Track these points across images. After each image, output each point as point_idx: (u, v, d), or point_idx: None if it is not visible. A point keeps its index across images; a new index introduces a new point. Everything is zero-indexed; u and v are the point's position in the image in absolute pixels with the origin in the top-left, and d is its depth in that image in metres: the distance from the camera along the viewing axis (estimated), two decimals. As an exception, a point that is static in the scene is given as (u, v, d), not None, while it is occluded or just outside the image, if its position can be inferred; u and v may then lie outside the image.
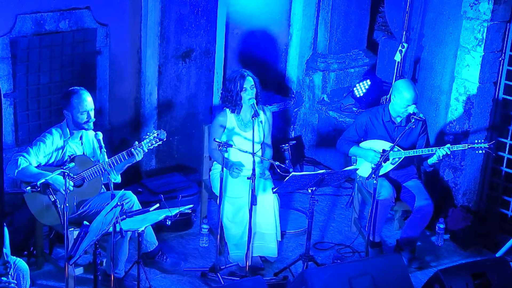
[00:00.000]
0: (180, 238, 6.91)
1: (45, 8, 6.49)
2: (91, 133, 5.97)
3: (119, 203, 5.08)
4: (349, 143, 6.70)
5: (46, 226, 6.19)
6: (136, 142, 5.90)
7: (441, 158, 6.33)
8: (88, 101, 5.84)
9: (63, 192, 5.36)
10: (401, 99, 6.42)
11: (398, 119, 6.56)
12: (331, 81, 8.47)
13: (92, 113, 5.85)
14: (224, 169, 6.11)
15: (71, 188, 5.53)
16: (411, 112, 6.37)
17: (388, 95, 7.25)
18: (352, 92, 8.24)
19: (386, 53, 7.84)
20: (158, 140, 5.96)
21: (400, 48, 7.37)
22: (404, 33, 7.36)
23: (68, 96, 5.82)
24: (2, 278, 4.90)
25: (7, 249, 5.07)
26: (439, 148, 6.31)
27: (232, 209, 6.39)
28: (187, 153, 7.67)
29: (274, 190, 6.13)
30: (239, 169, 6.36)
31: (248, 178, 5.98)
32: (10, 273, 4.97)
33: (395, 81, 7.39)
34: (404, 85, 6.46)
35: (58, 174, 5.48)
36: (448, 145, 6.31)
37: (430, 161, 6.45)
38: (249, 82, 6.38)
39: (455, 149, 6.33)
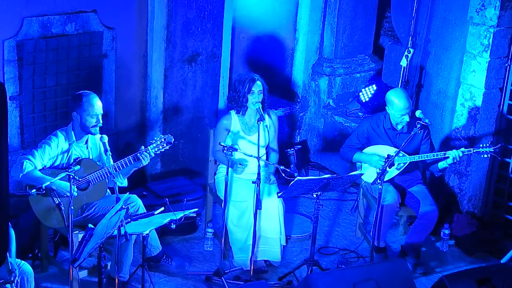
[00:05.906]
0: (184, 242, 6.91)
1: (52, 11, 6.50)
2: (97, 136, 5.98)
3: (124, 206, 5.09)
4: (352, 150, 6.70)
5: (51, 229, 6.20)
6: (143, 147, 5.90)
7: (454, 161, 6.29)
8: (98, 105, 5.87)
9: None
10: (395, 110, 6.43)
11: (399, 126, 6.55)
12: (337, 86, 8.47)
13: (100, 118, 5.88)
14: (230, 169, 6.08)
15: (75, 194, 5.53)
16: (417, 117, 6.37)
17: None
18: (358, 97, 8.24)
19: (392, 58, 7.84)
20: (165, 145, 5.94)
21: (406, 53, 7.37)
22: (410, 38, 7.36)
23: (80, 98, 5.84)
24: (7, 285, 4.90)
25: (12, 255, 5.07)
26: (451, 151, 6.28)
27: (237, 213, 6.39)
28: (192, 157, 7.67)
29: (279, 194, 6.12)
30: (242, 164, 6.34)
31: (253, 182, 5.97)
32: (14, 281, 4.98)
33: (400, 86, 7.40)
34: (395, 95, 6.45)
35: (63, 177, 5.48)
36: (462, 149, 6.28)
37: (441, 165, 6.43)
38: (258, 86, 6.38)
39: (466, 153, 6.29)
